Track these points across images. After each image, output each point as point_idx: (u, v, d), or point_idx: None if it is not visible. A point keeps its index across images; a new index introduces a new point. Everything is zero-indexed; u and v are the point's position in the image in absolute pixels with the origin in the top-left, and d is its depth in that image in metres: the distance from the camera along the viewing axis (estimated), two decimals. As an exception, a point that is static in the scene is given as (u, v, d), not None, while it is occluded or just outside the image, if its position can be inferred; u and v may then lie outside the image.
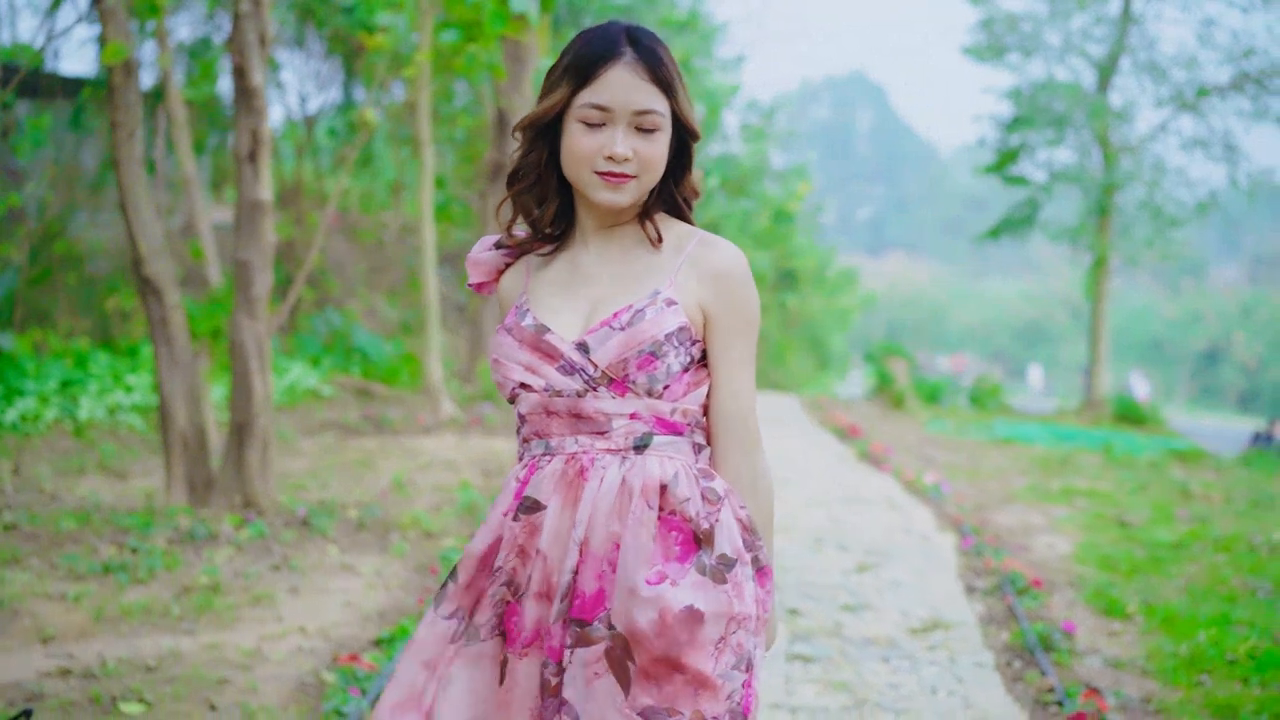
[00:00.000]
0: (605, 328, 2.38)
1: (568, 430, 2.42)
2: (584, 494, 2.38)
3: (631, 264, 2.48)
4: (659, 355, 2.37)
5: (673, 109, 2.40)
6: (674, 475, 2.38)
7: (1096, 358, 22.43)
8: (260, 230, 7.57)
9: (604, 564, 2.36)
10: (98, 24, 15.26)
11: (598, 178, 2.38)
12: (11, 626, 5.66)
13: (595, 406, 2.39)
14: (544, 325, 2.43)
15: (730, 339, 2.45)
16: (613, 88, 2.35)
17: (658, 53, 2.38)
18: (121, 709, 4.79)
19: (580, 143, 2.38)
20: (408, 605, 6.33)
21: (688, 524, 2.37)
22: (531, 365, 2.43)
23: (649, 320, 2.37)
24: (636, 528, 2.34)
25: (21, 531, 7.27)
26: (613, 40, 2.38)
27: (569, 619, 2.36)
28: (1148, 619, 6.55)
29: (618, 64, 2.36)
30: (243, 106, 7.51)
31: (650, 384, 2.38)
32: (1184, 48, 22.01)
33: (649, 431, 2.41)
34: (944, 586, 7.23)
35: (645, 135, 2.38)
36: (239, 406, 7.73)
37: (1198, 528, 8.90)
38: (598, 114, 2.36)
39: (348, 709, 4.83)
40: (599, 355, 2.37)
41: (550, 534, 2.39)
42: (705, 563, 2.34)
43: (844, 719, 4.99)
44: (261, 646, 5.60)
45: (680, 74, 2.42)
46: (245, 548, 7.15)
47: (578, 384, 2.39)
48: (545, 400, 2.42)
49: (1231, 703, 5.20)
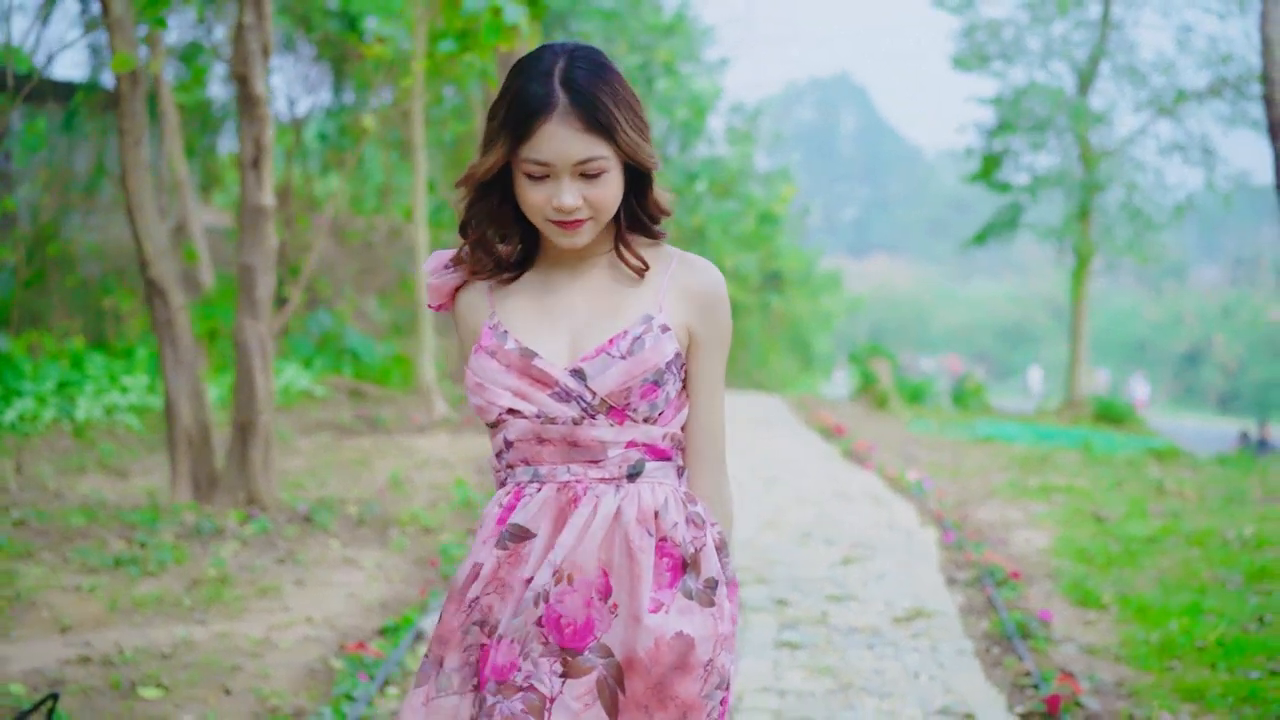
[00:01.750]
0: (603, 355, 2.34)
1: (560, 458, 2.37)
2: (571, 520, 2.33)
3: (611, 286, 2.43)
4: (660, 383, 2.35)
5: (618, 147, 2.31)
6: (664, 502, 2.37)
7: (1077, 358, 22.76)
8: (263, 234, 7.81)
9: (592, 591, 2.32)
10: (96, 30, 15.50)
11: (552, 225, 2.33)
12: (29, 617, 5.88)
13: (592, 435, 2.35)
14: (529, 349, 2.37)
15: (711, 360, 2.45)
16: (549, 144, 2.26)
17: (593, 94, 2.27)
18: (140, 694, 5.02)
19: (529, 195, 2.31)
20: (409, 597, 6.57)
21: (676, 549, 2.36)
22: (520, 390, 2.36)
23: (649, 349, 2.34)
24: (639, 555, 2.32)
25: (31, 527, 7.49)
26: (546, 88, 2.26)
27: (557, 648, 2.32)
28: (1122, 609, 6.80)
29: (551, 118, 2.25)
30: (246, 114, 7.74)
31: (650, 411, 2.36)
32: (1162, 53, 22.32)
33: (641, 459, 2.38)
34: (926, 578, 7.49)
35: (591, 180, 2.29)
36: (242, 405, 7.97)
37: (1171, 523, 9.16)
38: (539, 169, 2.28)
39: (357, 693, 5.07)
40: (598, 383, 2.32)
41: (535, 562, 2.34)
42: (691, 587, 2.35)
43: (830, 702, 5.23)
44: (270, 635, 5.83)
45: (626, 102, 2.32)
46: (250, 542, 7.39)
47: (574, 411, 2.34)
48: (537, 427, 2.36)
49: (1200, 687, 5.44)
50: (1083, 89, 22.33)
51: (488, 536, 2.40)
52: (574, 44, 2.34)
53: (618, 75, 2.33)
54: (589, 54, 2.33)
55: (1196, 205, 22.26)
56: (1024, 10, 22.23)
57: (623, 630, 2.31)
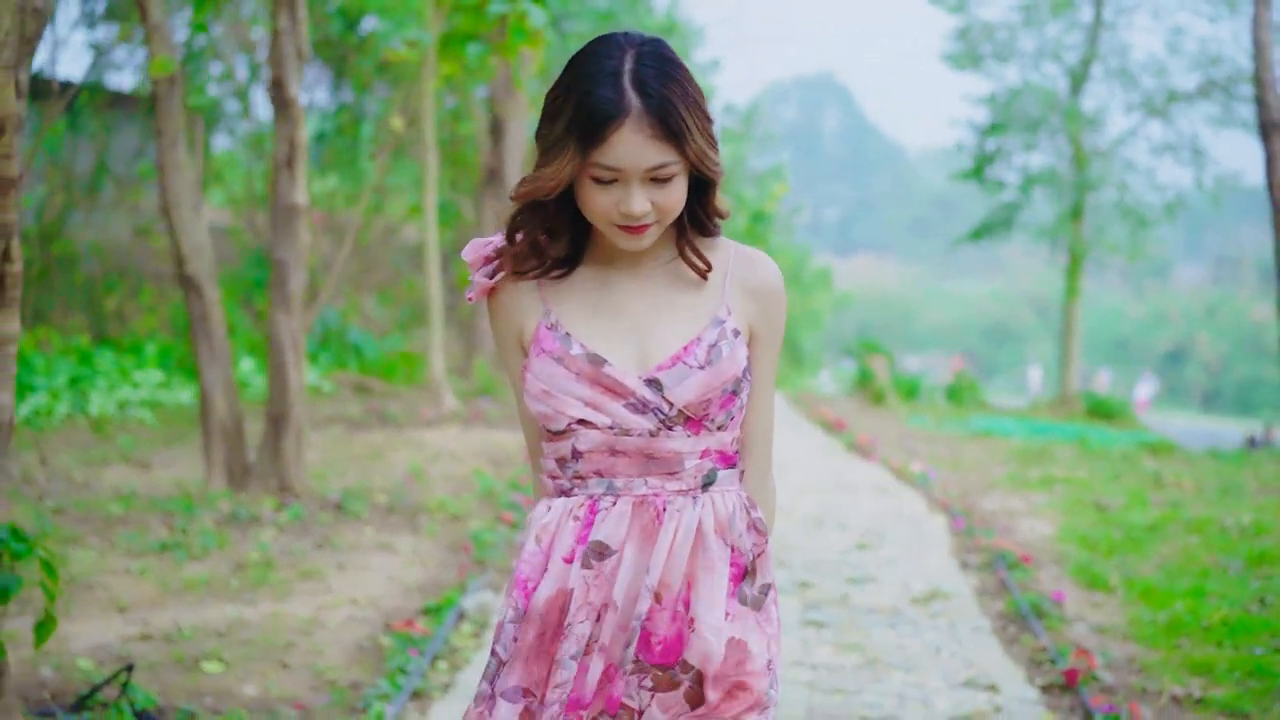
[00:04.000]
0: (680, 364, 2.27)
1: (636, 470, 2.29)
2: (660, 538, 2.28)
3: (672, 284, 2.36)
4: (738, 392, 2.30)
5: (686, 155, 2.22)
6: (733, 510, 2.34)
7: (1069, 355, 23.12)
8: (296, 231, 8.06)
9: (678, 604, 2.28)
10: (95, 29, 15.71)
11: (617, 229, 2.25)
12: (87, 597, 6.13)
13: (669, 446, 2.28)
14: (598, 355, 2.28)
15: (768, 356, 2.41)
16: (622, 150, 2.17)
17: (667, 97, 2.17)
18: (204, 668, 5.28)
19: (595, 199, 2.22)
20: (447, 579, 6.82)
21: (742, 558, 2.35)
22: (593, 401, 2.27)
23: (727, 358, 2.28)
24: (718, 565, 2.29)
25: (71, 515, 7.74)
26: (617, 92, 2.16)
27: (648, 665, 2.29)
28: (1128, 591, 7.08)
29: (624, 124, 2.16)
30: (280, 116, 8.00)
31: (725, 420, 2.31)
32: (1154, 55, 22.68)
33: (714, 468, 2.33)
34: (939, 562, 7.78)
35: (661, 185, 2.21)
36: (275, 397, 8.22)
37: (1171, 512, 9.44)
38: (609, 173, 2.19)
39: (410, 668, 5.33)
40: (676, 394, 2.26)
41: (625, 582, 2.28)
42: (747, 593, 2.34)
43: (859, 676, 5.51)
44: (319, 615, 6.09)
45: (696, 103, 2.22)
46: (286, 528, 7.64)
47: (650, 423, 2.27)
48: (610, 439, 2.28)
49: (1207, 662, 5.73)
50: (1075, 91, 22.68)
51: (567, 554, 2.30)
52: (638, 36, 2.24)
53: (684, 70, 2.22)
54: (655, 48, 2.22)
55: (1187, 204, 22.64)
56: (1017, 11, 22.59)
57: (701, 643, 2.26)
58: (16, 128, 3.98)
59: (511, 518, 8.25)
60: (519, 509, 8.55)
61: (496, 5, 7.87)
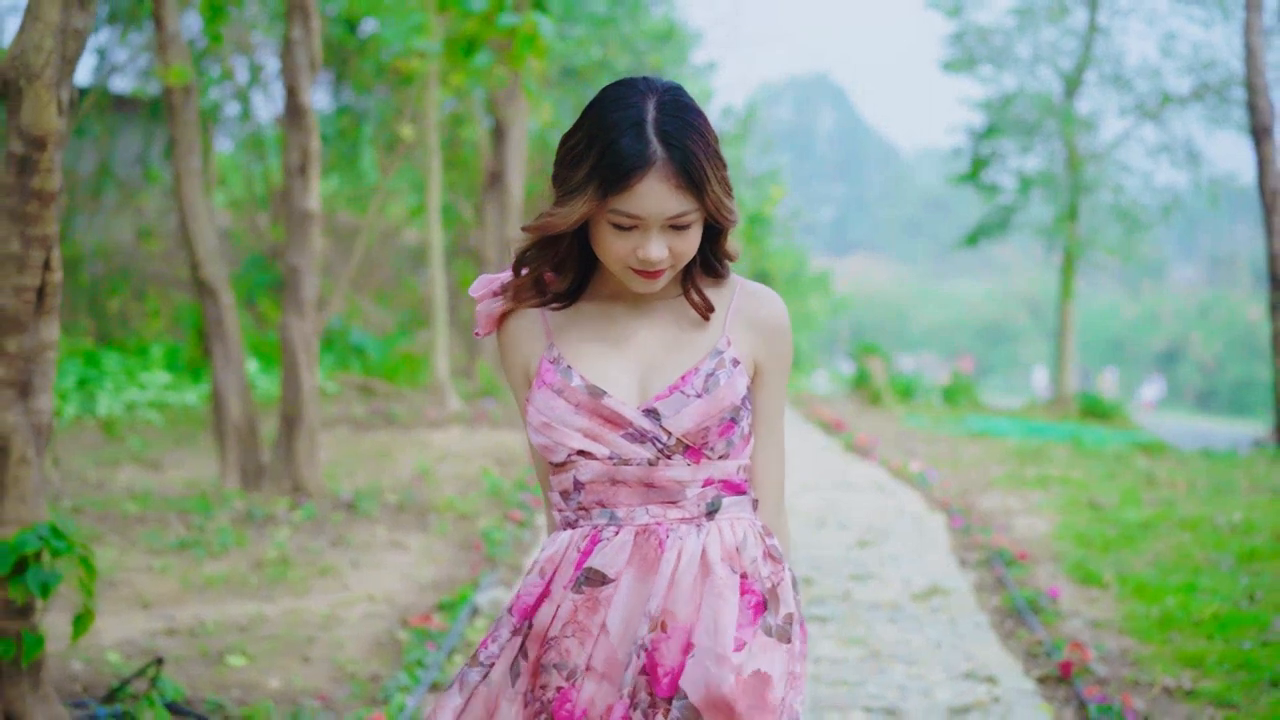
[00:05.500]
0: (677, 394, 2.30)
1: (637, 500, 2.32)
2: (661, 567, 2.29)
3: (675, 318, 2.39)
4: (737, 420, 2.33)
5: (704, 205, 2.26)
6: (743, 537, 2.35)
7: (1064, 355, 23.34)
8: (309, 237, 8.24)
9: (686, 635, 2.28)
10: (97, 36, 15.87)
11: (632, 272, 2.28)
12: (112, 594, 6.31)
13: (669, 475, 2.30)
14: (598, 387, 2.31)
15: (775, 388, 2.44)
16: (645, 199, 2.20)
17: (689, 149, 2.21)
18: (228, 661, 5.46)
19: (612, 244, 2.26)
20: (459, 576, 7.01)
21: (757, 585, 2.34)
22: (591, 432, 2.31)
23: (724, 386, 2.31)
24: (725, 593, 2.28)
25: (89, 514, 7.92)
26: (642, 142, 2.20)
27: (659, 700, 2.27)
28: (1122, 587, 7.26)
29: (649, 174, 2.20)
30: (294, 123, 8.18)
31: (725, 449, 2.33)
32: (1147, 59, 22.95)
33: (719, 495, 2.34)
34: (938, 560, 7.98)
35: (679, 232, 2.25)
36: (289, 399, 8.41)
37: (1164, 510, 9.63)
38: (629, 220, 2.22)
39: (428, 660, 5.52)
40: (674, 423, 2.29)
41: (621, 609, 2.29)
42: (771, 623, 2.32)
43: (862, 668, 5.70)
44: (336, 611, 6.28)
45: (715, 151, 2.26)
46: (300, 527, 7.83)
47: (649, 452, 2.30)
48: (610, 469, 2.31)
49: (1198, 655, 5.91)
50: (1070, 94, 22.90)
51: (567, 582, 2.33)
52: (659, 83, 2.29)
53: (703, 118, 2.28)
54: (675, 96, 2.27)
55: (1182, 205, 22.87)
56: (1013, 17, 22.81)
57: (699, 670, 2.25)
58: (58, 144, 4.17)
59: (520, 516, 8.44)
60: (527, 508, 8.74)
61: (507, 17, 8.05)
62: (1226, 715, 5.18)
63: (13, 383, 4.17)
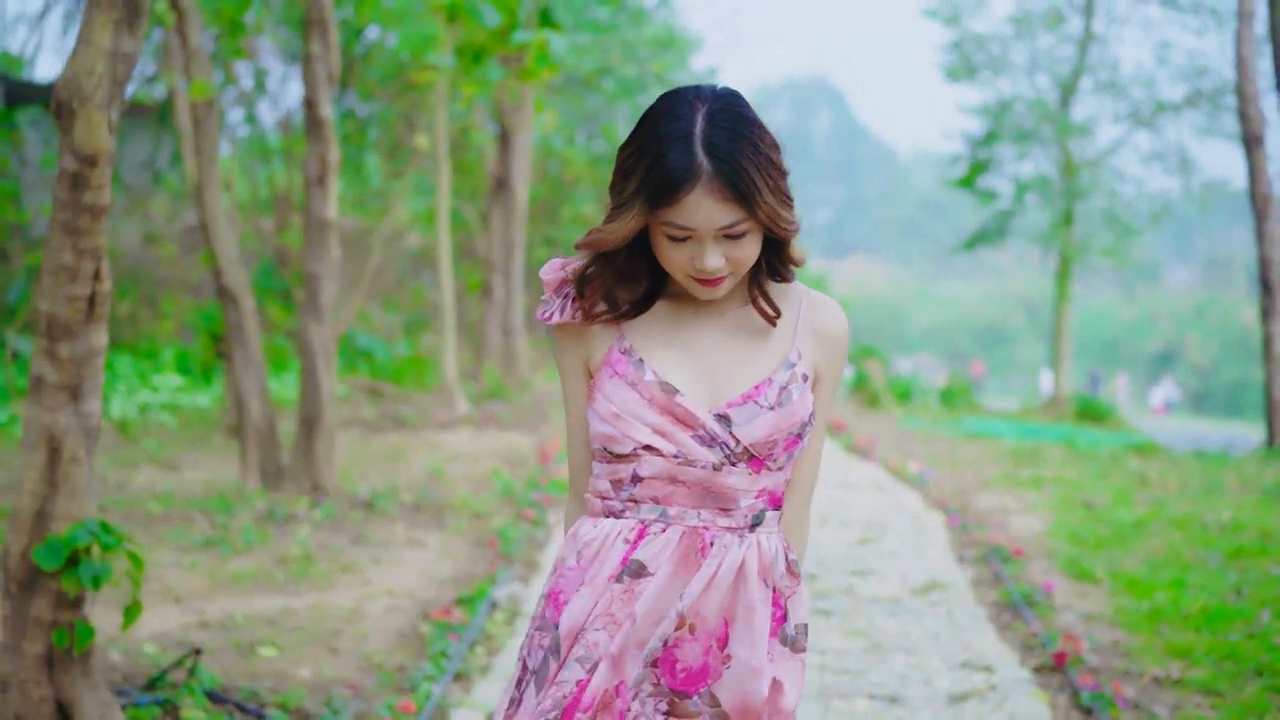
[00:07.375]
0: (750, 403, 2.31)
1: (692, 502, 2.33)
2: (701, 570, 2.31)
3: (745, 325, 2.40)
4: (803, 435, 2.35)
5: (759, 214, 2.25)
6: (775, 552, 2.38)
7: (1060, 358, 23.63)
8: (327, 245, 8.52)
9: (712, 640, 2.31)
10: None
11: (692, 279, 2.29)
12: (146, 589, 6.54)
13: (729, 482, 2.32)
14: (670, 385, 2.32)
15: (828, 397, 2.45)
16: (693, 212, 2.21)
17: (738, 161, 2.20)
18: (260, 653, 5.73)
19: (670, 254, 2.28)
20: (477, 572, 7.29)
21: (782, 600, 2.38)
22: (661, 429, 2.31)
23: (796, 401, 2.33)
24: (759, 608, 2.32)
25: (115, 513, 8.17)
26: (689, 156, 2.20)
27: (666, 689, 2.33)
28: (1114, 583, 7.52)
29: (695, 188, 2.20)
30: (313, 135, 8.46)
31: (786, 462, 2.36)
32: (1142, 67, 23.27)
33: (764, 508, 2.37)
34: (936, 556, 8.25)
35: (735, 240, 2.25)
36: (308, 402, 8.69)
37: (1155, 509, 9.89)
38: (682, 232, 2.23)
39: (450, 652, 5.79)
40: (744, 432, 2.30)
41: (650, 600, 2.31)
42: (787, 634, 2.38)
43: (864, 659, 5.98)
44: (360, 605, 6.54)
45: (769, 161, 2.25)
46: (321, 525, 8.10)
47: (716, 457, 2.31)
48: (673, 468, 2.32)
49: (1186, 647, 6.18)
50: (1065, 101, 23.21)
51: (610, 573, 2.34)
52: (710, 92, 2.28)
53: (757, 127, 2.26)
54: (728, 105, 2.26)
55: (1174, 211, 23.19)
56: (1010, 24, 23.13)
57: (737, 682, 2.31)
58: (108, 161, 4.43)
59: (532, 515, 8.70)
60: (539, 507, 9.00)
61: (521, 34, 8.31)
62: (1213, 703, 5.44)
63: (65, 386, 4.40)
